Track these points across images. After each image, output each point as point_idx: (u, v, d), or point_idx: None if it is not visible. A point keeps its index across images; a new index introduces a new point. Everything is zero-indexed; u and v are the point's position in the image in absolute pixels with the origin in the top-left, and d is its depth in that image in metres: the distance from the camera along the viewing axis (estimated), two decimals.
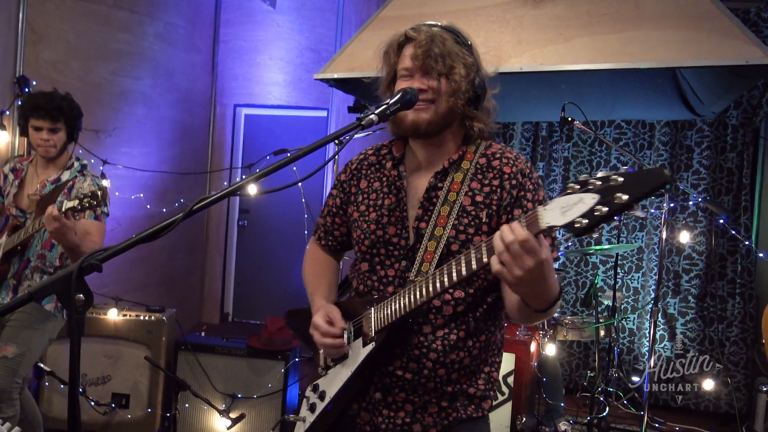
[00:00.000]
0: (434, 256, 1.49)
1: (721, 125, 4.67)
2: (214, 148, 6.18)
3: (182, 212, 1.11)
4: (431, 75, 1.49)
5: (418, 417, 1.54)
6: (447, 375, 1.52)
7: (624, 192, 0.97)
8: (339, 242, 1.79)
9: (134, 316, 3.58)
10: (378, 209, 1.59)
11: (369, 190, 1.64)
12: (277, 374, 3.49)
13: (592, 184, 1.01)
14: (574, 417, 4.09)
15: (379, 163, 1.66)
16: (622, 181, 0.98)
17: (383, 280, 1.57)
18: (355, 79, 3.49)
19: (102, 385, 3.55)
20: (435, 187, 1.53)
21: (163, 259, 5.46)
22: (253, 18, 6.03)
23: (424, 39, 1.48)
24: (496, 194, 1.50)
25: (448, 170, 1.54)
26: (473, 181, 1.53)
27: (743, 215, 4.58)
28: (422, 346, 1.51)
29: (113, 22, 4.60)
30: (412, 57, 1.49)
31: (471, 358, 1.54)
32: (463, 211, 1.50)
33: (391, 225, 1.56)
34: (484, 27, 3.26)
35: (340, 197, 1.73)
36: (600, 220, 0.99)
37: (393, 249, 1.56)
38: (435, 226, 1.50)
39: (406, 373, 1.52)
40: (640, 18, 3.03)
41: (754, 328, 4.54)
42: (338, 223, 1.75)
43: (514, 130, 5.26)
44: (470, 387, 1.56)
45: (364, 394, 1.59)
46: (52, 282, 1.04)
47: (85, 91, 4.36)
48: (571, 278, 5.10)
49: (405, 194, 1.56)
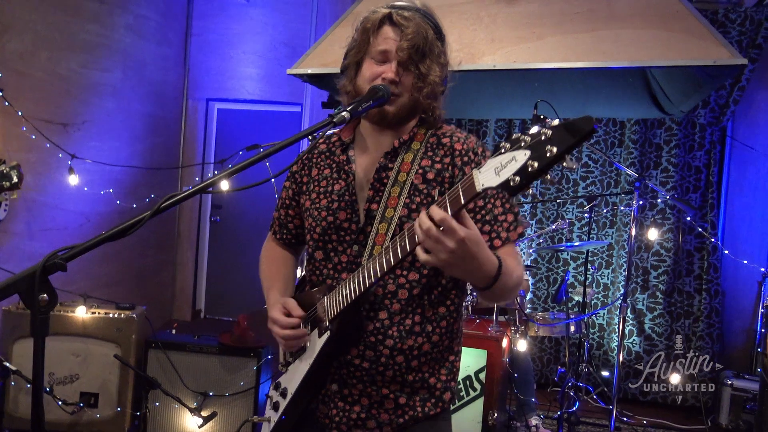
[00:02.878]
0: (385, 238, 1.46)
1: (689, 124, 4.76)
2: (186, 142, 6.10)
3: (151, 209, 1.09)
4: (408, 69, 1.46)
5: (373, 413, 1.51)
6: (406, 362, 1.49)
7: (553, 144, 0.96)
8: (293, 235, 1.76)
9: (103, 313, 3.52)
10: (328, 195, 1.56)
11: (319, 177, 1.61)
12: (250, 372, 3.46)
13: (522, 141, 1.00)
14: (545, 412, 4.14)
15: (329, 150, 1.63)
16: (551, 134, 0.96)
17: (337, 267, 1.54)
18: (329, 74, 3.47)
19: (70, 384, 3.48)
20: (385, 167, 1.50)
21: (133, 255, 5.37)
22: (226, 11, 5.96)
23: (411, 32, 1.43)
24: (448, 171, 1.48)
25: (398, 150, 1.51)
26: (424, 159, 1.49)
27: (710, 212, 4.68)
28: (378, 333, 1.47)
29: (83, 12, 4.51)
30: (398, 49, 1.45)
31: (431, 344, 1.50)
32: (414, 190, 1.47)
33: (342, 210, 1.53)
34: (457, 24, 3.26)
35: (292, 189, 1.70)
36: (533, 176, 0.98)
37: (344, 234, 1.52)
38: (386, 208, 1.47)
39: (363, 362, 1.48)
40: (612, 17, 3.06)
41: (719, 323, 4.65)
42: (291, 215, 1.72)
43: (488, 127, 5.28)
44: (431, 376, 1.53)
45: (322, 386, 1.56)
46: (14, 281, 1.02)
47: (53, 84, 4.27)
48: (543, 275, 5.15)
49: (353, 178, 1.53)
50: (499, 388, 3.32)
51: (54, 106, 4.31)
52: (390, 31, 1.46)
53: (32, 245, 4.10)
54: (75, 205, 4.52)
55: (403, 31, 1.44)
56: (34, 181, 4.12)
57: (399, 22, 1.45)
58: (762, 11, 4.40)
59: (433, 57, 1.47)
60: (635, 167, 4.83)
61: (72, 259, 1.04)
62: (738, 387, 4.09)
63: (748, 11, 4.44)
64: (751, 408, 4.01)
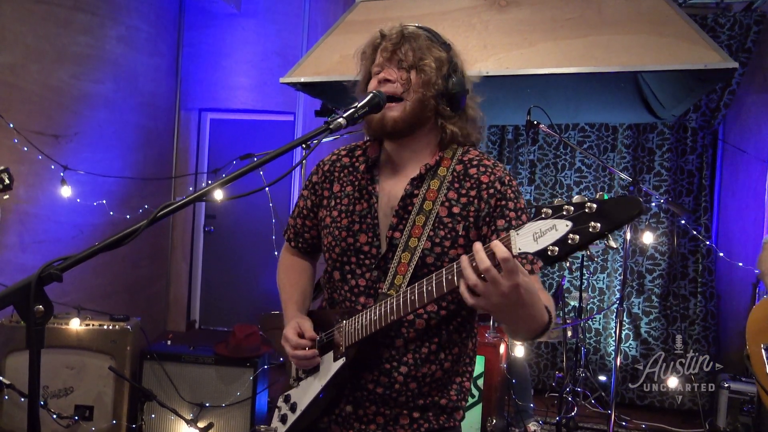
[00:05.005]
0: (408, 268, 1.44)
1: (681, 128, 4.79)
2: (179, 153, 6.08)
3: (146, 219, 1.08)
4: (402, 68, 1.46)
5: (389, 429, 1.52)
6: (419, 388, 1.49)
7: (597, 221, 0.94)
8: (309, 244, 1.73)
9: (97, 325, 3.49)
10: (350, 215, 1.54)
11: (341, 194, 1.58)
12: (246, 382, 3.44)
13: (566, 210, 0.99)
14: (543, 417, 4.13)
15: (353, 166, 1.60)
16: (596, 208, 0.95)
17: (354, 290, 1.52)
18: (322, 83, 3.47)
19: (64, 397, 3.45)
20: (411, 194, 1.48)
21: (127, 266, 5.34)
22: (217, 21, 5.96)
23: (395, 34, 1.48)
24: (473, 205, 1.46)
25: (425, 177, 1.49)
26: (450, 191, 1.47)
27: (703, 216, 4.70)
28: (393, 360, 1.48)
29: (73, 24, 4.50)
30: (382, 50, 1.49)
31: (443, 371, 1.51)
32: (439, 223, 1.45)
33: (362, 233, 1.51)
34: (450, 31, 3.27)
35: (311, 199, 1.67)
36: (572, 249, 0.97)
37: (364, 258, 1.51)
38: (410, 237, 1.45)
39: (377, 387, 1.49)
40: (603, 23, 3.08)
41: (715, 326, 4.66)
42: (308, 225, 1.70)
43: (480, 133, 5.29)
44: (442, 398, 1.53)
45: (335, 406, 1.56)
46: (9, 293, 1.00)
47: (44, 96, 4.26)
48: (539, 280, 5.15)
49: (376, 200, 1.51)
50: (497, 394, 3.31)
51: (45, 118, 4.29)
52: (381, 45, 1.52)
53: (25, 258, 4.07)
54: (68, 217, 4.50)
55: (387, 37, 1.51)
56: (26, 193, 4.09)
57: (384, 34, 1.52)
58: (750, 15, 4.44)
59: (424, 50, 1.47)
60: (628, 171, 4.84)
61: (67, 270, 1.02)
62: (735, 390, 4.08)
63: (737, 16, 4.47)
64: (749, 410, 4.02)
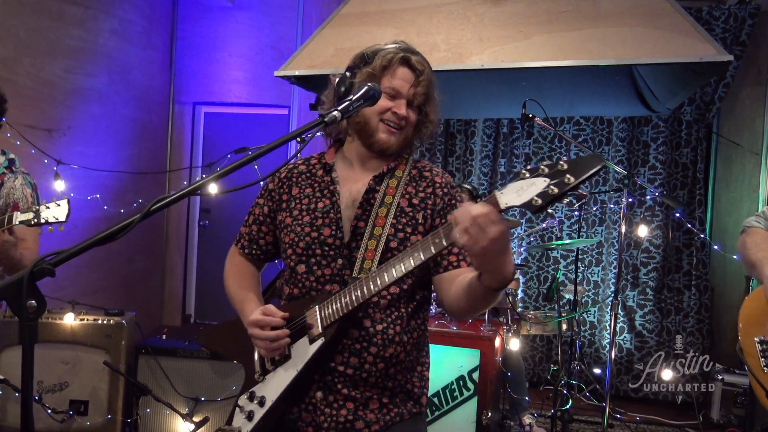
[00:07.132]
0: (375, 253, 1.56)
1: (675, 121, 4.79)
2: (173, 146, 6.06)
3: (140, 213, 1.08)
4: (413, 108, 1.63)
5: (360, 414, 1.57)
6: (386, 369, 1.57)
7: (571, 174, 1.10)
8: (263, 251, 1.82)
9: (92, 320, 3.48)
10: (311, 212, 1.65)
11: (301, 195, 1.69)
12: (241, 376, 3.44)
13: (541, 170, 1.14)
14: (538, 410, 4.14)
15: (309, 172, 1.73)
16: (567, 167, 1.11)
17: (320, 279, 1.61)
18: (317, 76, 3.46)
19: (59, 392, 3.43)
20: (373, 189, 1.63)
21: (121, 260, 5.33)
22: (211, 14, 5.93)
23: (425, 80, 1.62)
24: (430, 200, 1.63)
25: (384, 176, 1.66)
26: (408, 186, 1.66)
27: (698, 209, 4.71)
28: (363, 340, 1.56)
29: (66, 17, 4.46)
30: (415, 94, 1.61)
31: (406, 353, 1.61)
32: (401, 212, 1.61)
33: (326, 226, 1.62)
34: (445, 24, 3.26)
35: (268, 205, 1.76)
36: (553, 199, 1.12)
37: (329, 249, 1.61)
38: (374, 226, 1.59)
39: (348, 369, 1.55)
40: (598, 16, 3.08)
41: (709, 319, 4.68)
42: (264, 231, 1.79)
43: (476, 126, 5.29)
44: (407, 383, 1.63)
45: (304, 395, 1.60)
46: (1, 288, 1.00)
47: (36, 89, 4.23)
48: (534, 273, 5.16)
49: (338, 197, 1.64)
50: (493, 388, 3.31)
51: (38, 112, 4.26)
52: (407, 73, 1.61)
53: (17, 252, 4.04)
54: None
55: (418, 77, 1.61)
56: None
57: (416, 67, 1.61)
58: (745, 8, 4.44)
59: (435, 102, 1.67)
60: (623, 165, 4.85)
61: (60, 264, 1.02)
62: (729, 382, 4.11)
63: (732, 9, 4.48)
64: (742, 402, 4.04)
